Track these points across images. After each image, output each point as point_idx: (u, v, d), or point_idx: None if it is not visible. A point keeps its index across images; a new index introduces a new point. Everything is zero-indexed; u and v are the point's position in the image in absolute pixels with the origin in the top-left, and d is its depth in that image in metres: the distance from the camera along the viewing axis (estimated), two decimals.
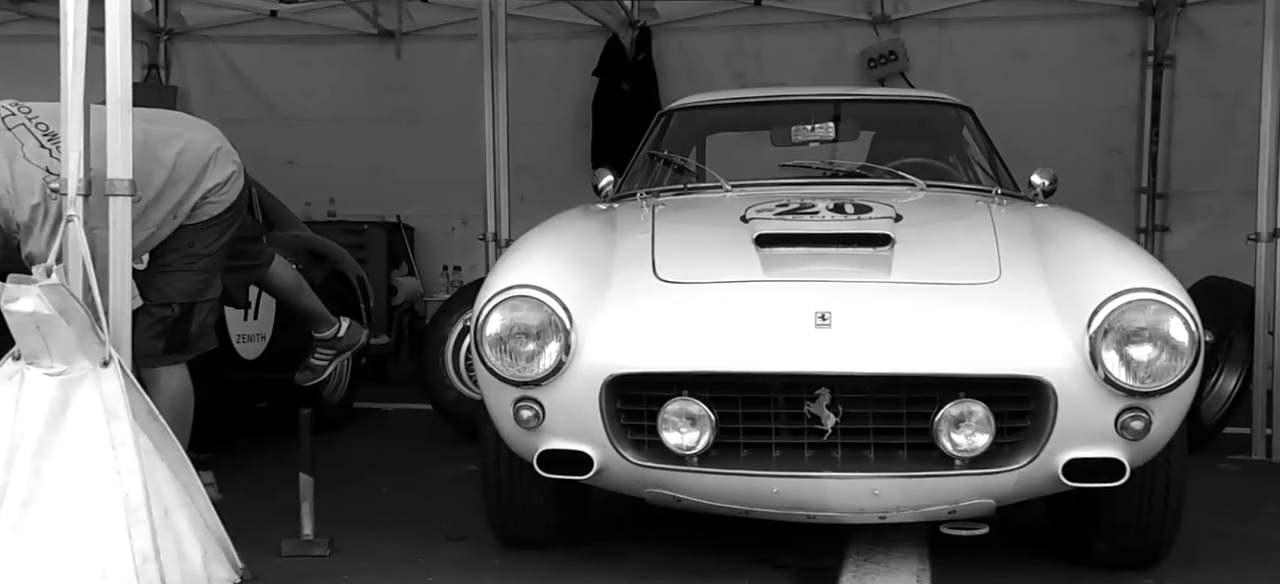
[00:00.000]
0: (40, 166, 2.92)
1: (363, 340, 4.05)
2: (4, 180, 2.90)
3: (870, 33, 7.65)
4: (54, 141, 2.95)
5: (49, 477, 2.40)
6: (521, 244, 3.09)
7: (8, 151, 2.94)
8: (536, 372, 2.69)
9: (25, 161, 2.92)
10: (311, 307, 3.92)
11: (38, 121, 3.03)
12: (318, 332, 3.96)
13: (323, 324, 3.94)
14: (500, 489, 3.06)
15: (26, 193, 2.88)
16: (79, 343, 2.48)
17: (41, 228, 2.87)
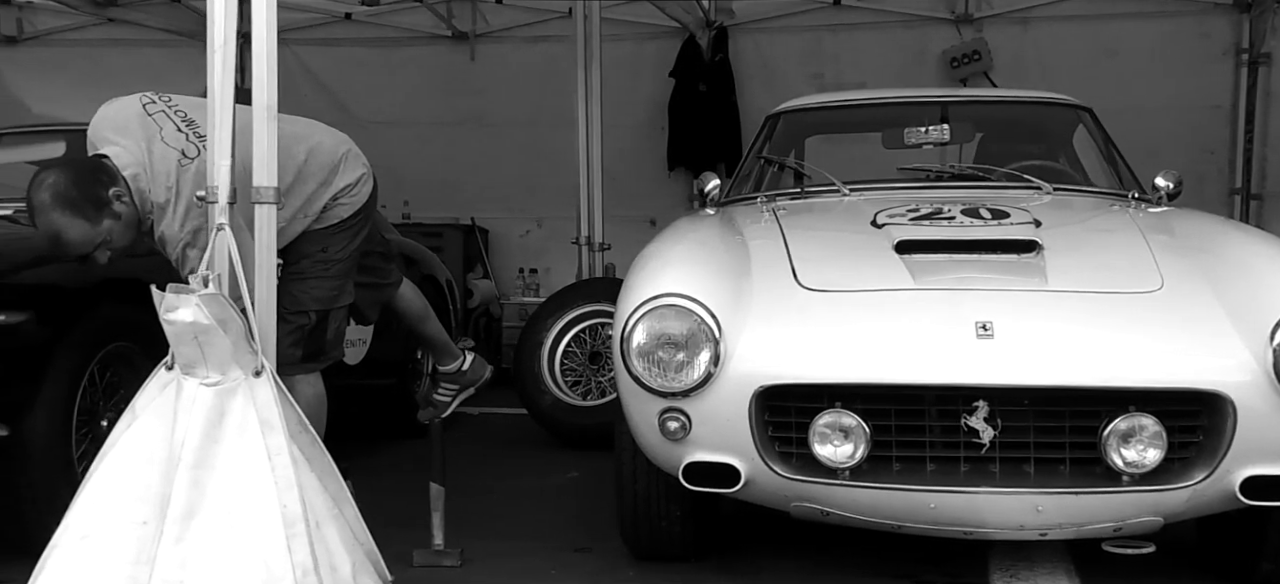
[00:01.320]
0: (176, 149, 2.93)
1: (487, 376, 3.86)
2: (142, 162, 2.91)
3: (952, 32, 7.52)
4: (191, 128, 2.97)
5: (210, 488, 2.37)
6: (658, 252, 3.03)
7: (147, 134, 2.96)
8: (685, 382, 2.63)
9: (163, 144, 2.94)
10: (437, 336, 3.76)
11: (177, 109, 3.05)
12: (442, 364, 3.79)
13: (447, 356, 3.79)
14: (636, 501, 3.00)
15: (163, 175, 2.90)
16: (234, 352, 2.46)
17: (174, 210, 2.88)
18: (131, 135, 2.95)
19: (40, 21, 8.64)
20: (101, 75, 8.49)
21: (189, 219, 2.84)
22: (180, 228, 2.86)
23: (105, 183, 2.86)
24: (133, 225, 2.91)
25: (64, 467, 3.00)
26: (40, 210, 2.80)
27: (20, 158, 4.68)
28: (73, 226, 2.80)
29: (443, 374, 3.80)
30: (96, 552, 2.36)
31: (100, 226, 2.83)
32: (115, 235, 2.87)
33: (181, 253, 2.89)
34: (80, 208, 2.80)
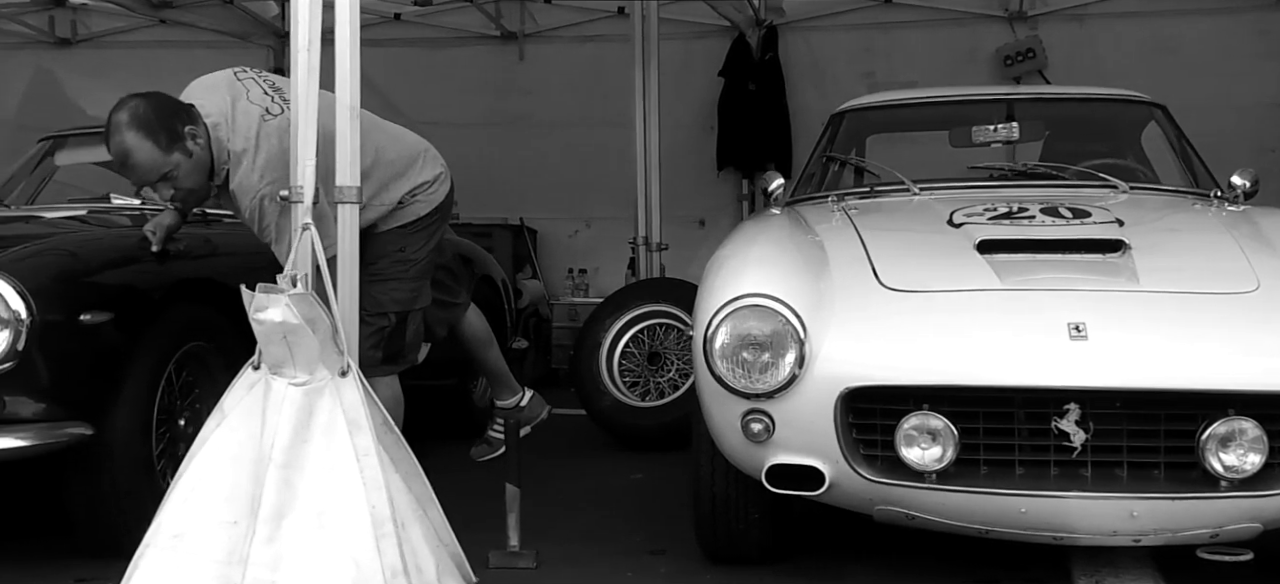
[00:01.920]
0: (259, 106, 2.99)
1: (544, 415, 3.75)
2: (225, 112, 2.98)
3: (1006, 30, 7.43)
4: (278, 92, 3.04)
5: (299, 488, 2.38)
6: (736, 252, 3.00)
7: (233, 93, 3.04)
8: (770, 384, 2.61)
9: (247, 101, 3.01)
10: (497, 365, 3.69)
11: (265, 78, 3.13)
12: (500, 398, 3.71)
13: (506, 390, 3.70)
14: (713, 503, 2.98)
15: (243, 127, 2.96)
16: (321, 352, 2.46)
17: (252, 160, 2.92)
18: (218, 92, 3.04)
19: (94, 24, 8.73)
20: (154, 77, 8.48)
21: (268, 172, 2.88)
22: (258, 179, 2.89)
23: (184, 119, 2.94)
24: (201, 170, 2.95)
25: (144, 467, 3.02)
26: (115, 129, 2.86)
27: (85, 159, 4.73)
28: (142, 148, 2.86)
29: (500, 409, 3.68)
30: (188, 551, 2.37)
31: (169, 157, 2.89)
32: (181, 172, 2.92)
33: (257, 206, 2.90)
34: (154, 133, 2.86)
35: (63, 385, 2.81)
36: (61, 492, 3.00)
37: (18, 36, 8.47)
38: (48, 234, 3.30)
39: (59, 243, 3.12)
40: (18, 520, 3.57)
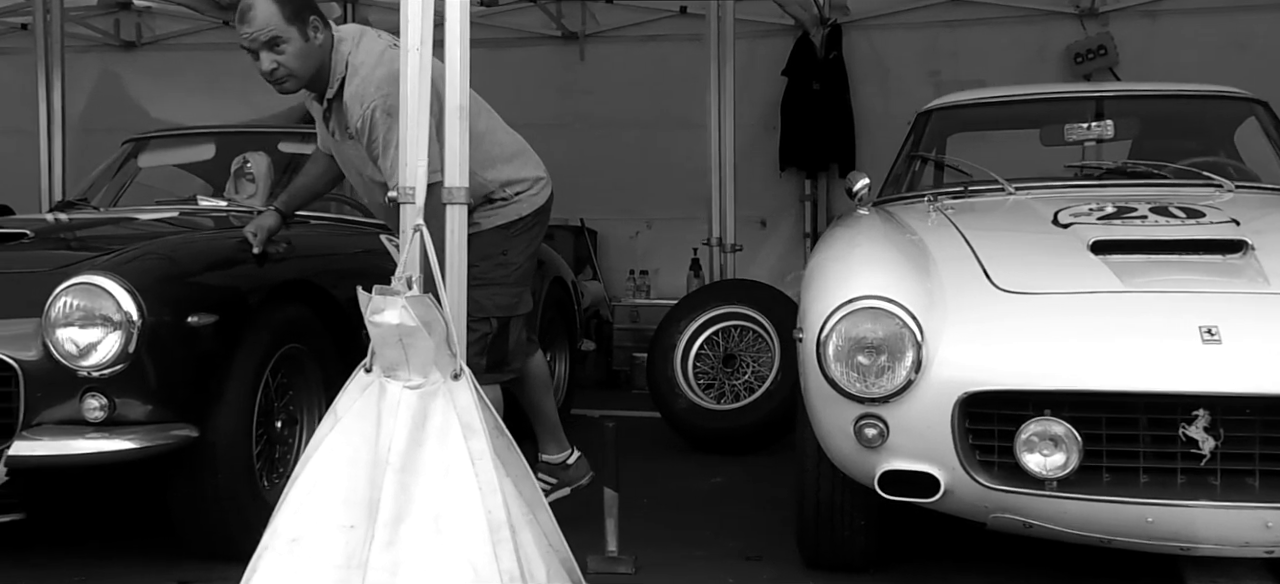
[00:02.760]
0: (388, 39, 3.06)
1: (585, 482, 3.50)
2: (355, 37, 3.05)
3: (1076, 27, 7.30)
4: None
5: (415, 493, 2.35)
6: (843, 253, 2.95)
7: (364, 30, 3.13)
8: (885, 388, 2.56)
9: (376, 37, 3.09)
10: (551, 416, 3.49)
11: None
12: (546, 452, 3.49)
13: (554, 445, 3.48)
14: (818, 509, 2.93)
15: (368, 48, 3.03)
16: (435, 355, 2.44)
17: (372, 72, 2.98)
18: (351, 24, 3.18)
19: (158, 27, 8.84)
20: (217, 79, 8.65)
21: (384, 85, 2.92)
22: (374, 90, 2.93)
23: (314, 10, 3.01)
24: (309, 61, 3.00)
25: (245, 469, 3.02)
26: None
27: (166, 161, 4.77)
28: (266, 5, 2.92)
29: (544, 464, 3.46)
30: (306, 556, 2.36)
31: (287, 27, 2.95)
32: (291, 49, 2.97)
33: (369, 116, 2.94)
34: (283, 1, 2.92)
35: (170, 388, 2.82)
36: (165, 493, 3.00)
37: (84, 40, 8.58)
38: (147, 236, 3.31)
39: (164, 245, 3.13)
40: (121, 520, 3.59)
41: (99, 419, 2.72)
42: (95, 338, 2.69)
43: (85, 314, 2.68)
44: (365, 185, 3.22)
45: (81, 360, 2.69)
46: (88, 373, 2.70)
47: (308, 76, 3.04)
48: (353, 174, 3.25)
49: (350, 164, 3.20)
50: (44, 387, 2.71)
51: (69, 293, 2.70)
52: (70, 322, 2.68)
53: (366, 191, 3.27)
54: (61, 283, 2.71)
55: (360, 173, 3.16)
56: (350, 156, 3.15)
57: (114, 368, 2.70)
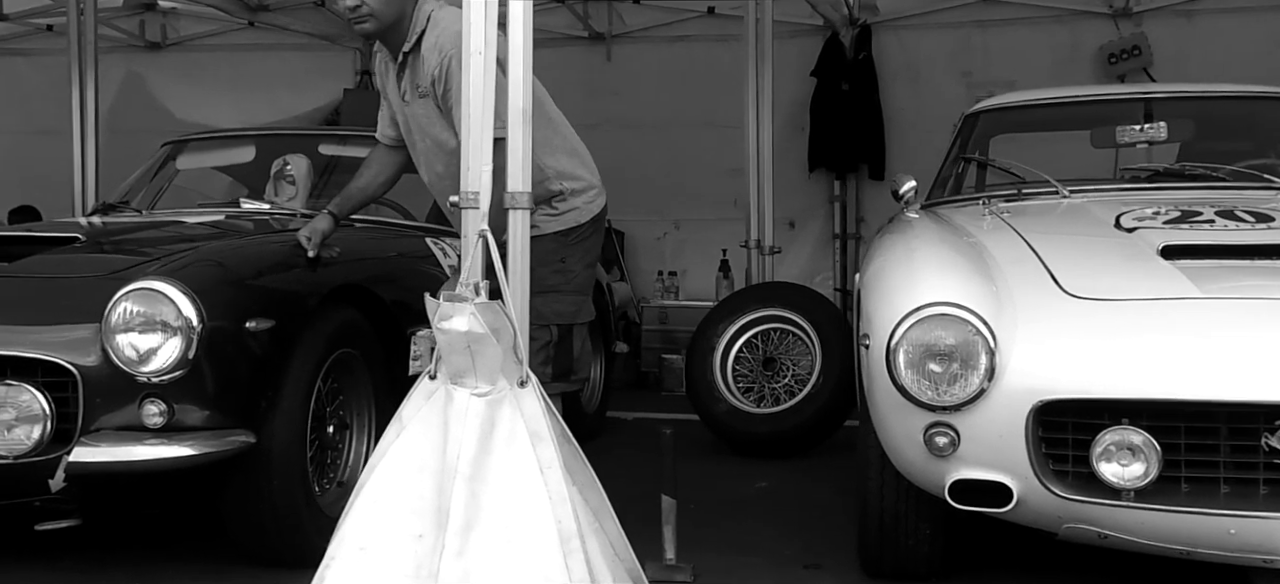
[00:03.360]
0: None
1: None
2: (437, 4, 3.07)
3: (1110, 26, 7.22)
4: None
5: (485, 501, 2.32)
6: (905, 257, 2.90)
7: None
8: (958, 396, 2.51)
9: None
10: None
11: None
12: None
13: None
14: (882, 517, 2.88)
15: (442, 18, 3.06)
16: (502, 362, 2.41)
17: (451, 26, 2.98)
18: None
19: (183, 28, 8.83)
20: (242, 80, 8.65)
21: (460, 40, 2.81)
22: (450, 43, 2.95)
23: None
24: (393, 4, 3.01)
25: (300, 476, 2.99)
26: None
27: (205, 164, 4.74)
28: None
29: None
30: (375, 565, 2.33)
31: None
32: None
33: (446, 64, 2.95)
34: None
35: (228, 393, 2.79)
36: (218, 499, 2.97)
37: (109, 40, 8.55)
38: (199, 240, 3.28)
39: (221, 249, 3.11)
40: (172, 526, 3.55)
41: (158, 425, 2.69)
42: (155, 343, 2.66)
43: (145, 319, 2.65)
44: (431, 152, 3.15)
45: (141, 366, 2.66)
46: (147, 378, 2.67)
47: (388, 21, 3.04)
48: (421, 140, 3.18)
49: (419, 128, 3.15)
50: (103, 392, 2.68)
51: (129, 298, 2.67)
52: (130, 327, 2.65)
53: (432, 160, 3.19)
54: (121, 288, 2.68)
55: (428, 135, 3.11)
56: (419, 118, 3.12)
57: (174, 374, 2.67)
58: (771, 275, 5.68)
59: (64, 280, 2.89)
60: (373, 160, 3.38)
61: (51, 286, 2.86)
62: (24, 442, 2.65)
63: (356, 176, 3.38)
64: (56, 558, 3.17)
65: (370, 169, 3.36)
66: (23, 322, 2.75)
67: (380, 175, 3.35)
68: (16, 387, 2.64)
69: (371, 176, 3.36)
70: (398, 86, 3.17)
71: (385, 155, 3.37)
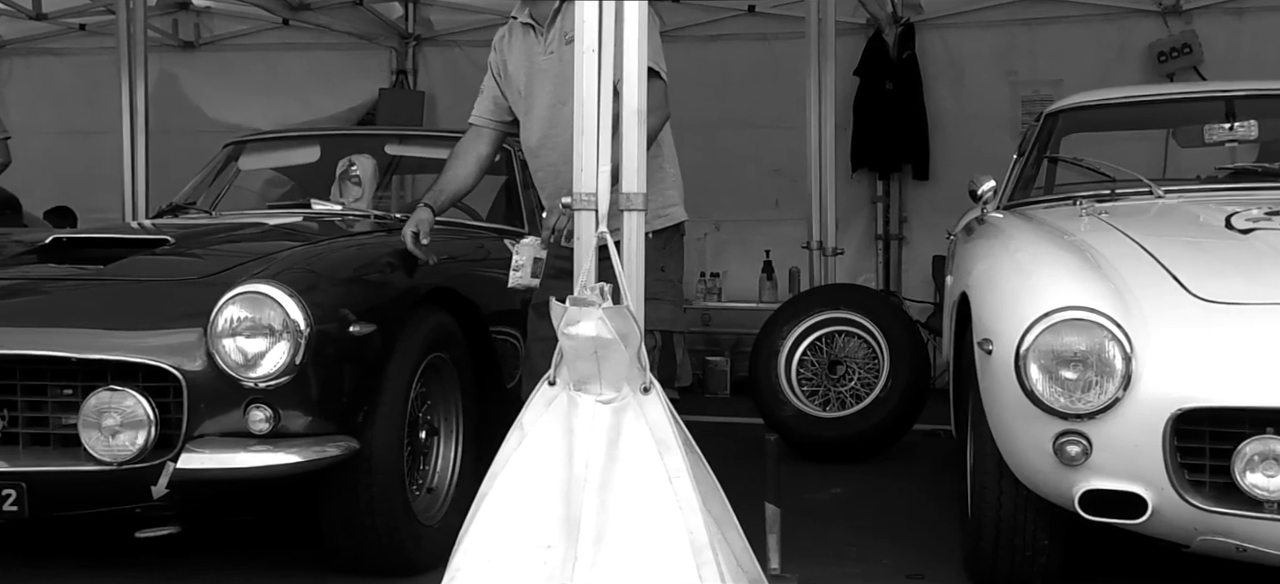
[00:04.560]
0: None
1: None
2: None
3: (1159, 24, 7.14)
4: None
5: (615, 511, 2.25)
6: (1027, 259, 2.83)
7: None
8: (1092, 404, 2.44)
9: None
10: None
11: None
12: None
13: None
14: (998, 527, 2.81)
15: None
16: (628, 368, 2.34)
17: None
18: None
19: (217, 27, 8.75)
20: (276, 79, 8.58)
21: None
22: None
23: None
24: None
25: (398, 482, 2.92)
26: None
27: (265, 164, 4.68)
28: None
29: None
30: (503, 575, 2.26)
31: None
32: None
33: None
34: None
35: (332, 399, 2.73)
36: (314, 505, 2.91)
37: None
38: (291, 242, 3.21)
39: (322, 251, 3.04)
40: (256, 533, 3.49)
41: (264, 431, 2.62)
42: (263, 348, 2.59)
43: (253, 323, 2.59)
44: (555, 109, 3.10)
45: (248, 371, 2.60)
46: (254, 384, 2.61)
47: None
48: (551, 95, 3.12)
49: (553, 82, 3.09)
50: (207, 398, 2.61)
51: (236, 302, 2.60)
52: (237, 331, 2.59)
53: (554, 117, 3.12)
54: (227, 292, 2.61)
55: (562, 105, 3.04)
56: (558, 70, 3.05)
57: (280, 379, 2.61)
58: (834, 277, 5.61)
59: (165, 284, 2.83)
60: (465, 149, 3.31)
61: (153, 290, 2.80)
62: (128, 448, 2.58)
63: (448, 168, 3.30)
64: (148, 566, 3.11)
65: (464, 159, 3.30)
66: (123, 326, 2.68)
67: (473, 165, 3.30)
68: (120, 392, 2.58)
69: (464, 166, 3.29)
70: (541, 38, 3.13)
71: (476, 142, 3.32)
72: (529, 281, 3.04)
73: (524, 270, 3.04)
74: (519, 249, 3.07)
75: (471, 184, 3.36)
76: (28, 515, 2.59)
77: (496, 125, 3.31)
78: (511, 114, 3.28)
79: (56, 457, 2.64)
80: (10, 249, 3.14)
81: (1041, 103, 7.57)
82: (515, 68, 3.22)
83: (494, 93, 3.31)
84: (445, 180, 3.28)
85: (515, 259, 3.07)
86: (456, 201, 3.37)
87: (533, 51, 3.17)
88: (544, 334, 3.29)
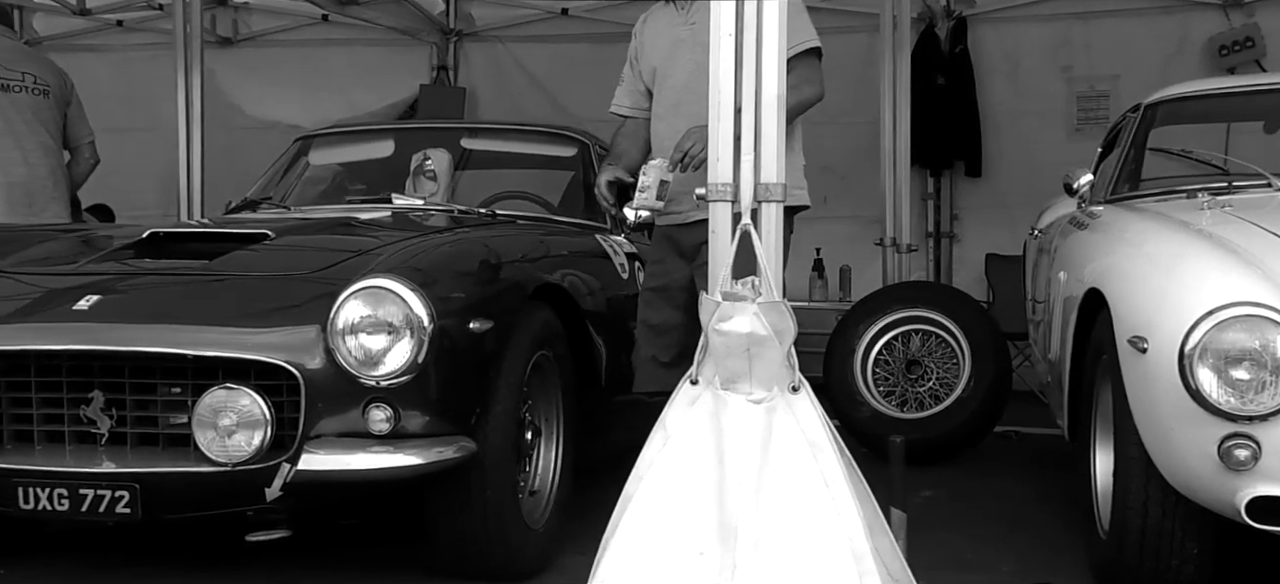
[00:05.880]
0: None
1: None
2: None
3: (1220, 17, 7.00)
4: None
5: (771, 517, 2.14)
6: (1183, 250, 2.69)
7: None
8: (1266, 405, 2.33)
9: None
10: None
11: None
12: None
13: None
14: (1143, 534, 2.68)
15: None
16: (779, 366, 2.23)
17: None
18: None
19: (255, 23, 8.65)
20: (315, 76, 8.46)
21: None
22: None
23: None
24: None
25: (511, 485, 2.82)
26: None
27: (334, 159, 4.57)
28: None
29: None
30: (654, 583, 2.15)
31: None
32: None
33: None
34: None
35: (451, 398, 2.62)
36: (421, 508, 2.80)
37: None
38: (398, 236, 3.09)
39: (437, 246, 2.92)
40: (353, 533, 3.38)
41: (384, 431, 2.51)
42: (385, 345, 2.48)
43: (374, 320, 2.48)
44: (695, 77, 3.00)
45: (369, 369, 2.49)
46: (375, 382, 2.49)
47: None
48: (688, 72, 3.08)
49: (692, 47, 3.04)
50: (325, 397, 2.50)
51: (357, 297, 2.49)
52: (359, 328, 2.48)
53: (692, 84, 3.06)
54: (349, 286, 2.50)
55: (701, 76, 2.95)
56: (690, 50, 3.03)
57: (402, 377, 2.49)
58: (908, 274, 5.49)
59: (277, 279, 2.72)
60: (630, 132, 3.35)
61: (265, 285, 2.69)
62: (243, 448, 2.47)
63: (623, 152, 3.31)
64: (256, 571, 2.99)
65: (634, 142, 3.31)
66: (237, 323, 2.57)
67: (643, 146, 3.29)
68: (236, 390, 2.47)
69: (637, 147, 3.30)
70: (682, 10, 3.14)
71: (638, 129, 3.34)
72: (654, 204, 3.04)
73: (650, 192, 3.03)
74: (646, 170, 3.06)
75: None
76: (140, 517, 2.48)
77: (641, 112, 3.33)
78: (648, 99, 3.29)
79: (168, 457, 2.53)
80: (106, 244, 3.03)
81: (1098, 99, 7.49)
82: (650, 45, 3.21)
83: (631, 82, 3.34)
84: (620, 151, 3.34)
85: (641, 180, 3.06)
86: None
87: (673, 24, 3.17)
88: (650, 320, 3.24)
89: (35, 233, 3.26)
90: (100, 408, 2.54)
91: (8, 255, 2.94)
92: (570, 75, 8.06)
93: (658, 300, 3.22)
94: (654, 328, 3.21)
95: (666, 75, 3.19)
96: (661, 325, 3.19)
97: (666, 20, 3.22)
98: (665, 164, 3.09)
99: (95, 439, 2.56)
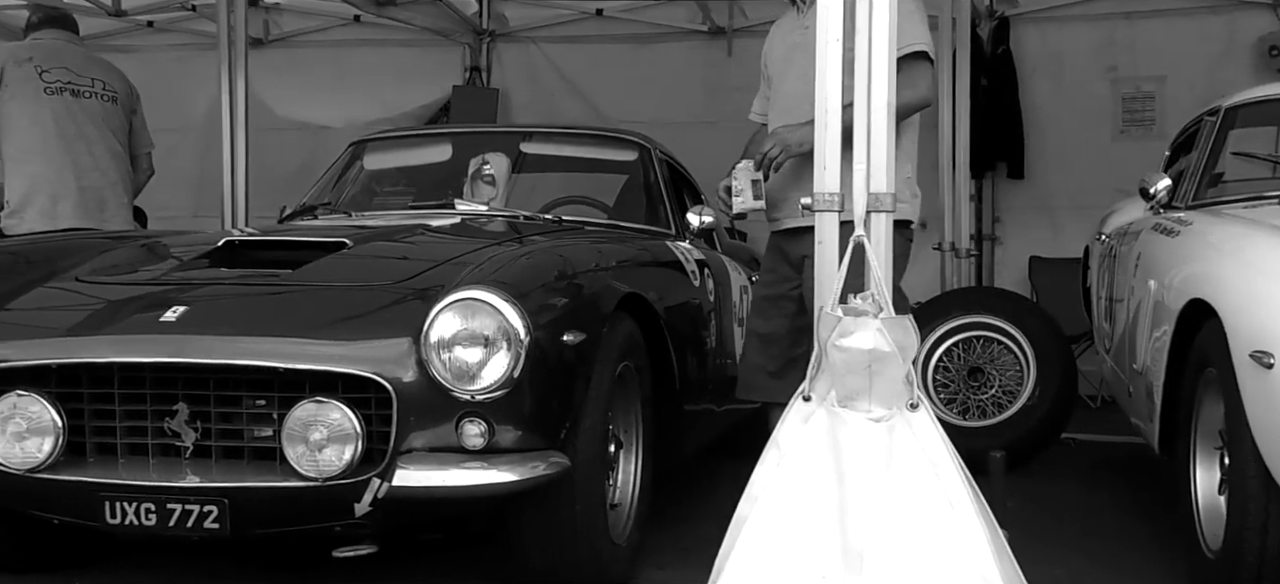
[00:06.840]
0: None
1: None
2: None
3: (1270, 18, 6.90)
4: None
5: (894, 540, 2.07)
6: None
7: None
8: None
9: None
10: None
11: None
12: None
13: None
14: (1262, 555, 2.58)
15: None
16: (901, 384, 2.14)
17: None
18: None
19: (286, 23, 8.59)
20: (345, 77, 8.40)
21: None
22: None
23: None
24: None
25: (600, 500, 2.74)
26: None
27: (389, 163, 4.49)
28: None
29: None
30: None
31: None
32: None
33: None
34: None
35: (543, 412, 2.54)
36: (507, 523, 2.72)
37: (209, 37, 8.33)
38: (479, 244, 3.00)
39: (526, 256, 2.83)
40: (446, 547, 3.30)
41: (478, 447, 2.43)
42: (481, 358, 2.40)
43: (469, 332, 2.40)
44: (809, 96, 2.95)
45: (464, 383, 2.41)
46: (470, 396, 2.41)
47: None
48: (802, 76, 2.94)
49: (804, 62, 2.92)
50: (418, 411, 2.42)
51: (452, 309, 2.41)
52: (455, 341, 2.40)
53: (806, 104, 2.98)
54: (442, 298, 2.42)
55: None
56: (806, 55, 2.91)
57: (498, 391, 2.41)
58: (969, 280, 5.40)
59: (364, 289, 2.64)
60: (760, 139, 3.31)
61: (352, 296, 2.61)
62: (334, 463, 2.39)
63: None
64: None
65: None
66: (326, 335, 2.50)
67: None
68: (326, 404, 2.39)
69: None
70: (801, 14, 3.11)
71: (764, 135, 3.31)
72: (753, 204, 3.04)
73: (745, 195, 3.03)
74: (735, 174, 3.07)
75: None
76: (228, 533, 2.40)
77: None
78: None
79: (254, 471, 2.46)
80: (181, 253, 2.96)
81: (1143, 100, 7.39)
82: (772, 50, 3.20)
83: (762, 88, 3.37)
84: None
85: (734, 185, 3.08)
86: None
87: (792, 29, 3.14)
88: (760, 330, 3.18)
89: (107, 241, 3.19)
90: (185, 421, 2.46)
91: (82, 263, 2.87)
92: (604, 76, 7.99)
93: (769, 308, 3.16)
94: (763, 337, 3.14)
95: (781, 79, 3.16)
96: (770, 335, 3.13)
97: (788, 25, 3.22)
98: (750, 165, 3.06)
99: (179, 453, 2.48)
